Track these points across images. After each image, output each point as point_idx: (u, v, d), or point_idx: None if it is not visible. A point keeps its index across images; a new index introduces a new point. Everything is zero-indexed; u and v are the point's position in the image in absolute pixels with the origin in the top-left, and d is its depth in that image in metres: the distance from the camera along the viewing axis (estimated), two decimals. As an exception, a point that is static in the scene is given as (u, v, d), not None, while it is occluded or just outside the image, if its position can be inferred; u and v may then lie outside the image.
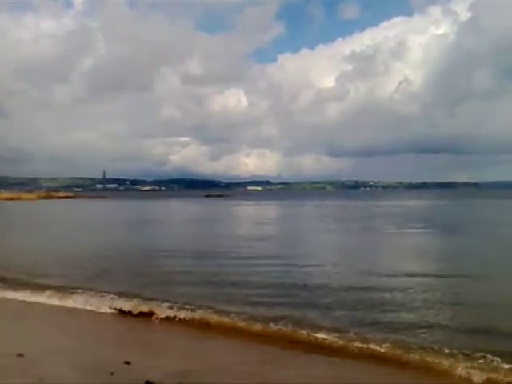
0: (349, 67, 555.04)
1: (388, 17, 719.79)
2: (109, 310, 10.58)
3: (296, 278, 13.63)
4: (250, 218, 48.52)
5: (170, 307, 10.20)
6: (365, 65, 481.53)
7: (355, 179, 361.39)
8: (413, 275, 14.02)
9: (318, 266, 15.83)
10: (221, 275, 14.33)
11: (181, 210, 67.84)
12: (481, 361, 7.12)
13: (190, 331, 9.31)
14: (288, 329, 8.80)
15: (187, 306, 10.27)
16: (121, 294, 11.60)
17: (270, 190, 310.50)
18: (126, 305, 10.51)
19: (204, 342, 8.77)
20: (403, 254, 19.72)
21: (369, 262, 16.99)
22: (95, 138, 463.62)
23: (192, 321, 9.63)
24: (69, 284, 13.23)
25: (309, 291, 11.94)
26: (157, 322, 9.74)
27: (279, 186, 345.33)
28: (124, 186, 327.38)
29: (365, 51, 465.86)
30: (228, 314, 9.80)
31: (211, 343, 8.72)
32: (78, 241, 25.35)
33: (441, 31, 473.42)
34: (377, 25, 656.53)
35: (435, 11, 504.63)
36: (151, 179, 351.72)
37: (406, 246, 22.81)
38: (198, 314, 9.70)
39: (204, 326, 9.44)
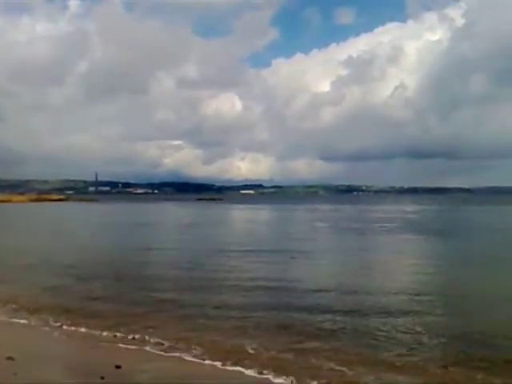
0: (344, 72, 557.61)
1: (382, 22, 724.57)
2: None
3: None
4: (242, 223, 48.67)
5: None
6: (361, 70, 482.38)
7: (348, 183, 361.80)
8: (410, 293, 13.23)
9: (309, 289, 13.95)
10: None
11: (171, 214, 67.83)
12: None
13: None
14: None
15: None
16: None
17: (263, 193, 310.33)
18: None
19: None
20: (397, 264, 19.55)
21: (363, 277, 16.04)
22: (89, 141, 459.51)
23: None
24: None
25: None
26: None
27: (272, 190, 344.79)
28: (116, 189, 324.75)
29: (361, 56, 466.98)
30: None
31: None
32: (52, 248, 24.99)
33: (436, 37, 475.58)
34: (371, 30, 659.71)
35: (430, 17, 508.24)
36: (144, 182, 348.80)
37: (400, 254, 22.65)
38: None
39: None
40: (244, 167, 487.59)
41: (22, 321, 10.63)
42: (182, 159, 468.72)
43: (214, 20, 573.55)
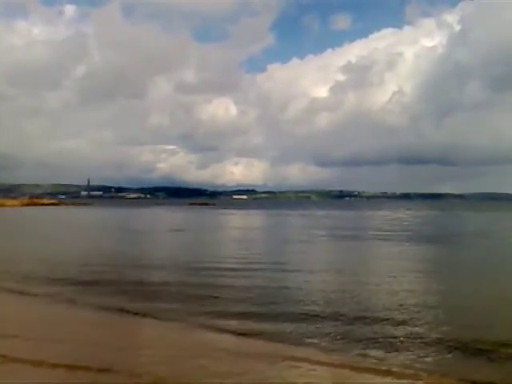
0: (341, 78, 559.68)
1: (378, 28, 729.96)
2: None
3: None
4: (232, 229, 48.93)
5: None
6: (358, 75, 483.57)
7: (341, 189, 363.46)
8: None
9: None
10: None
11: (159, 219, 67.83)
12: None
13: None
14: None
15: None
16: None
17: (256, 198, 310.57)
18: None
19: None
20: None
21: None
22: (82, 145, 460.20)
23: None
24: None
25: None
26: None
27: (264, 195, 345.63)
28: (109, 194, 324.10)
29: (359, 62, 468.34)
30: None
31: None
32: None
33: (432, 43, 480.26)
34: (366, 36, 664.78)
35: (427, 23, 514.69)
36: (137, 187, 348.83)
37: (396, 261, 21.86)
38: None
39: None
40: (238, 172, 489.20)
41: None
42: (175, 164, 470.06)
43: (212, 25, 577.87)
